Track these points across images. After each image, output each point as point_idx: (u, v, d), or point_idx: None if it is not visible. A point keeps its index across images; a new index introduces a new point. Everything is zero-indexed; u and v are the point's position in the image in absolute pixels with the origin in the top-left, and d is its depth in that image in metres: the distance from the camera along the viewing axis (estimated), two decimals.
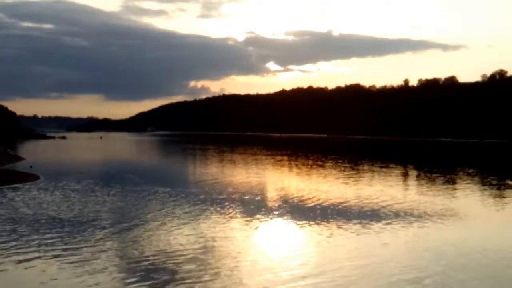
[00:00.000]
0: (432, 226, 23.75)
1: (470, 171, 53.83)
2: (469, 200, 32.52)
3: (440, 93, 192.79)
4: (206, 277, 15.51)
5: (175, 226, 22.83)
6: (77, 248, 18.63)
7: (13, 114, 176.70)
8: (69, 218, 24.65)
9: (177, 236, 20.91)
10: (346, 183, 41.21)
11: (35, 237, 20.47)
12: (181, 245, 19.37)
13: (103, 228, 22.28)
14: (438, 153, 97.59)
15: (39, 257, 17.42)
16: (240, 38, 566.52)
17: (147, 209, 27.51)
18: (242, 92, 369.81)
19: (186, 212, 26.47)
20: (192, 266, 16.57)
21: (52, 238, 20.30)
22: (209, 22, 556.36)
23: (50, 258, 17.30)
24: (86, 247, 18.87)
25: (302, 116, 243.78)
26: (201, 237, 20.71)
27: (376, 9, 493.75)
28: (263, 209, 27.81)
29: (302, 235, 22.15)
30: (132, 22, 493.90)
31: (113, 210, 27.07)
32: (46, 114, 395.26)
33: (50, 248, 18.70)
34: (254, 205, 29.13)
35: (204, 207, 28.04)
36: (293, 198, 32.52)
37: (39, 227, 22.35)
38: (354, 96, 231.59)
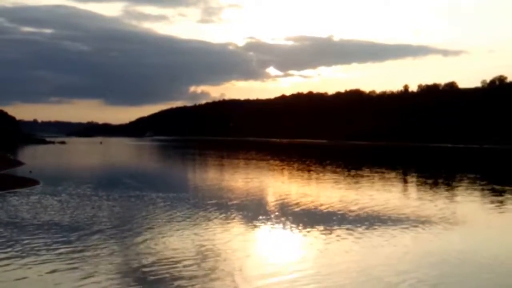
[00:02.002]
0: (431, 231, 23.74)
1: (470, 176, 53.80)
2: (468, 206, 32.49)
3: (440, 98, 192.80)
4: (203, 283, 15.49)
5: (172, 231, 22.83)
6: (74, 253, 18.63)
7: (13, 118, 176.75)
8: (67, 223, 24.66)
9: (174, 241, 20.92)
10: (345, 188, 41.20)
11: (32, 242, 20.47)
12: (179, 250, 19.36)
13: (101, 233, 22.29)
14: (438, 158, 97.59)
15: (35, 262, 17.43)
16: (241, 43, 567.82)
17: (146, 214, 27.51)
18: (242, 97, 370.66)
19: (184, 217, 26.46)
20: (189, 272, 16.57)
21: (49, 243, 20.31)
22: (209, 27, 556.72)
23: (46, 263, 17.29)
24: (83, 252, 18.88)
25: (302, 121, 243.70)
26: (199, 242, 20.71)
27: (376, 14, 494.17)
28: (260, 214, 27.80)
29: (299, 240, 22.16)
30: (132, 27, 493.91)
31: (112, 215, 27.07)
32: (46, 119, 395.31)
33: (47, 253, 18.70)
34: (251, 210, 29.12)
35: (203, 212, 28.05)
36: (291, 203, 32.50)
37: (37, 232, 22.36)
38: (354, 101, 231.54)
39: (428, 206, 31.68)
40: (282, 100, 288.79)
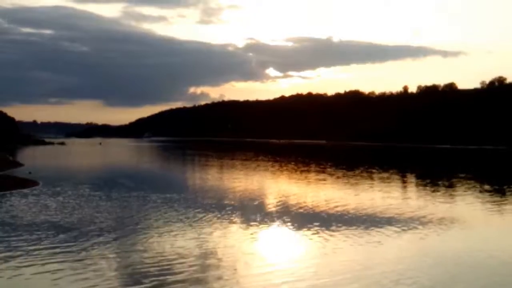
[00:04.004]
0: (431, 232, 23.74)
1: (469, 177, 53.84)
2: (467, 206, 32.50)
3: (439, 99, 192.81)
4: (203, 283, 15.51)
5: (170, 232, 22.83)
6: (73, 254, 18.64)
7: (12, 119, 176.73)
8: (66, 224, 24.66)
9: (172, 242, 20.91)
10: (345, 189, 41.22)
11: (31, 243, 20.47)
12: (178, 251, 19.36)
13: (99, 234, 22.29)
14: (437, 159, 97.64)
15: (34, 263, 17.43)
16: (240, 44, 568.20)
17: (144, 215, 27.53)
18: (242, 98, 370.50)
19: (183, 218, 26.46)
20: (187, 273, 16.57)
21: (48, 244, 20.31)
22: (209, 28, 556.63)
23: (45, 264, 17.29)
24: (82, 253, 18.88)
25: (301, 122, 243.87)
26: (197, 243, 20.72)
27: (376, 15, 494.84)
28: (257, 215, 27.79)
29: (300, 241, 22.15)
30: (132, 28, 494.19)
31: (110, 216, 27.07)
32: (45, 120, 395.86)
33: (46, 254, 18.68)
34: (248, 211, 29.12)
35: (201, 213, 28.04)
36: (291, 204, 32.54)
37: (36, 233, 22.36)
38: (353, 102, 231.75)
39: (426, 206, 31.67)
40: (282, 101, 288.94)
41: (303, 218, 27.25)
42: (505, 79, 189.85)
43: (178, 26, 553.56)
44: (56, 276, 16.03)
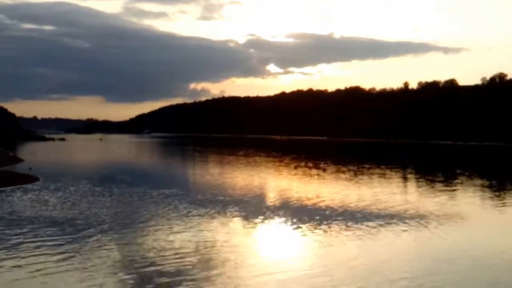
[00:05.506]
0: (432, 228, 23.73)
1: (470, 174, 53.81)
2: (468, 203, 32.48)
3: (440, 96, 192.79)
4: (202, 280, 15.50)
5: (170, 228, 22.86)
6: (73, 250, 18.65)
7: (12, 115, 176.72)
8: (66, 219, 24.68)
9: (172, 238, 20.94)
10: (346, 186, 41.20)
11: (32, 238, 20.50)
12: (178, 247, 19.38)
13: (100, 230, 22.31)
14: (438, 155, 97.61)
15: (34, 258, 17.43)
16: (241, 40, 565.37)
17: (144, 210, 27.54)
18: (242, 94, 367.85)
19: (182, 214, 26.50)
20: (187, 269, 16.58)
21: (48, 239, 20.34)
22: (209, 24, 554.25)
23: (45, 260, 17.29)
24: (82, 248, 18.90)
25: (302, 118, 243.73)
26: (196, 239, 20.74)
27: (377, 12, 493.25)
28: (257, 211, 27.81)
29: (301, 238, 22.15)
30: (132, 24, 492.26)
31: (110, 211, 27.09)
32: (46, 116, 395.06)
33: (46, 249, 18.71)
34: (251, 207, 29.13)
35: (200, 209, 28.07)
36: (292, 200, 32.54)
37: (36, 229, 22.39)
38: (354, 98, 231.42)
39: (427, 203, 31.67)
40: (282, 97, 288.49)
41: (303, 214, 27.22)
42: (506, 75, 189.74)
43: (179, 22, 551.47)
44: (54, 271, 16.03)
